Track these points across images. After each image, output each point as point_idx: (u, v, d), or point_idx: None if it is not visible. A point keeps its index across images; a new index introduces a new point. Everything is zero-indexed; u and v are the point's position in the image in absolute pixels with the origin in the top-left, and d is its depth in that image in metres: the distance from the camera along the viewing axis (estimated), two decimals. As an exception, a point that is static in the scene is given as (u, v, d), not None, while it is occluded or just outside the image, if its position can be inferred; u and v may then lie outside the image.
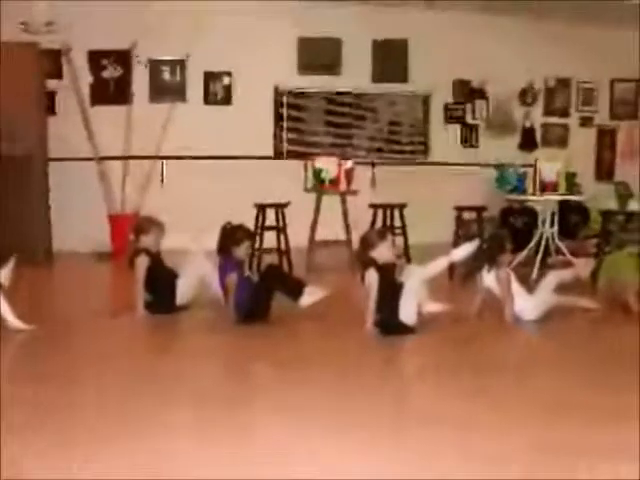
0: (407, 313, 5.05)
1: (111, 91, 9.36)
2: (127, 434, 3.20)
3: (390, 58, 10.17)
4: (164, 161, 9.35)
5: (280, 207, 7.87)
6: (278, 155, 9.96)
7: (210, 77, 9.67)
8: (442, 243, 7.39)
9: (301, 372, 4.25)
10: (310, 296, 5.57)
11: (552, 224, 7.66)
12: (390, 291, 5.07)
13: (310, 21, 9.67)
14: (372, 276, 5.08)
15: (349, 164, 8.12)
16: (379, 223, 8.04)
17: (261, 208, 7.87)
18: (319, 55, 9.91)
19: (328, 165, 8.02)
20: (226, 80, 9.72)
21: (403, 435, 3.24)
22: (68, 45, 8.92)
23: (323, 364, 4.42)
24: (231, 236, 5.57)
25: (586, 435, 3.21)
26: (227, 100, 9.74)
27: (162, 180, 9.40)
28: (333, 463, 2.92)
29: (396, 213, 8.08)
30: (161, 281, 5.79)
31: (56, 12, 8.62)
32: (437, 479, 2.78)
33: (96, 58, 9.28)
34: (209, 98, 9.70)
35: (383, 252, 5.19)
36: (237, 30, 9.37)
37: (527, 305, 5.48)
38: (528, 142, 10.92)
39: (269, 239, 7.81)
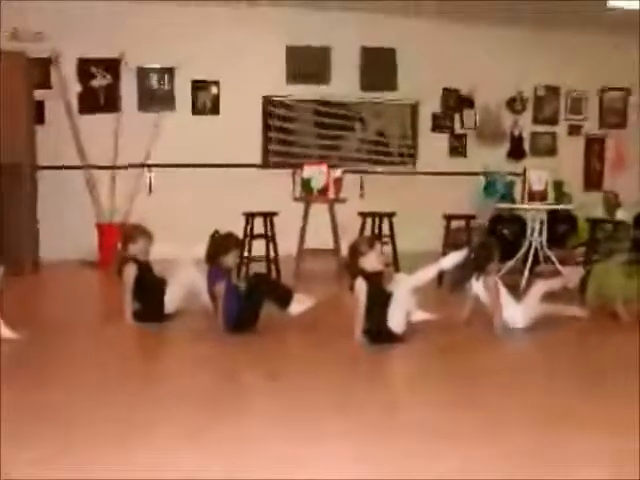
0: (396, 321, 5.04)
1: (100, 100, 9.34)
2: (118, 442, 3.18)
3: (378, 66, 10.20)
4: (152, 170, 9.34)
5: (269, 216, 7.87)
6: (266, 164, 9.94)
7: (198, 87, 9.65)
8: (431, 251, 7.41)
9: (290, 381, 4.24)
10: (299, 305, 5.56)
11: (541, 233, 7.68)
12: (379, 299, 5.06)
13: (298, 30, 9.69)
14: (361, 284, 5.07)
15: (337, 173, 8.11)
16: (368, 231, 8.04)
17: (250, 217, 7.86)
18: (307, 64, 9.92)
19: (316, 174, 8.02)
20: (214, 90, 9.71)
21: (392, 443, 3.24)
22: (57, 53, 8.89)
23: (312, 372, 4.41)
24: (220, 244, 5.55)
25: (574, 443, 3.21)
26: (215, 110, 9.73)
27: (150, 189, 9.38)
28: (321, 471, 2.92)
29: (385, 221, 8.09)
30: (149, 290, 5.77)
31: (45, 20, 8.63)
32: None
33: (85, 66, 9.25)
34: (197, 108, 9.68)
35: (372, 260, 5.18)
36: (225, 39, 9.38)
37: (516, 313, 5.49)
38: (517, 151, 10.95)
39: (258, 248, 7.80)
